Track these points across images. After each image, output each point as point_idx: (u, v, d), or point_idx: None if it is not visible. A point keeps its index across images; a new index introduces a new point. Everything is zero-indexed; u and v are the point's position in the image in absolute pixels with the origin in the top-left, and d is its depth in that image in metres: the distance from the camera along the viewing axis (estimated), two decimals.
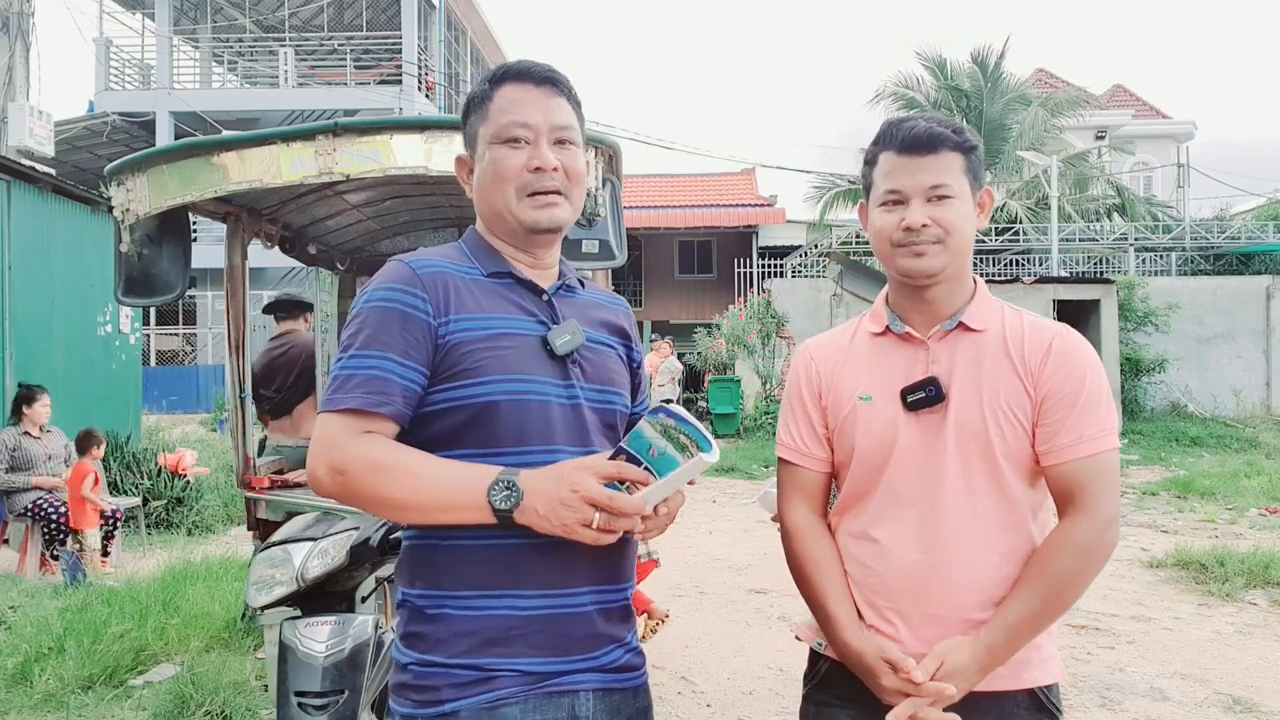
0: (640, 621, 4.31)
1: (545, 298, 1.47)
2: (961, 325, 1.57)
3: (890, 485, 1.56)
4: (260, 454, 4.64)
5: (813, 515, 1.65)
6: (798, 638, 1.72)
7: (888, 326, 1.63)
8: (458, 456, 1.35)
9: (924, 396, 1.54)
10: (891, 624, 1.54)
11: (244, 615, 4.66)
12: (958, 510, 1.51)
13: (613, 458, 1.33)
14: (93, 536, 6.36)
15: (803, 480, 1.66)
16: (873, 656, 1.50)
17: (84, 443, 6.65)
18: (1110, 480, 1.50)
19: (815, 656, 1.68)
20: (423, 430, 1.38)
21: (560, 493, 1.27)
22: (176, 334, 21.63)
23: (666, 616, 4.68)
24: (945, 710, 1.45)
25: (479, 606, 1.34)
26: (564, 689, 1.35)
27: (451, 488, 1.30)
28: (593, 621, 1.39)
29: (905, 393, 1.55)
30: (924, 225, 1.52)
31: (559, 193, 1.45)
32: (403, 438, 1.37)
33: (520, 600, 1.34)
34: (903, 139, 1.56)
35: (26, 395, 6.71)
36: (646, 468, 1.31)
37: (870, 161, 1.62)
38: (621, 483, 1.30)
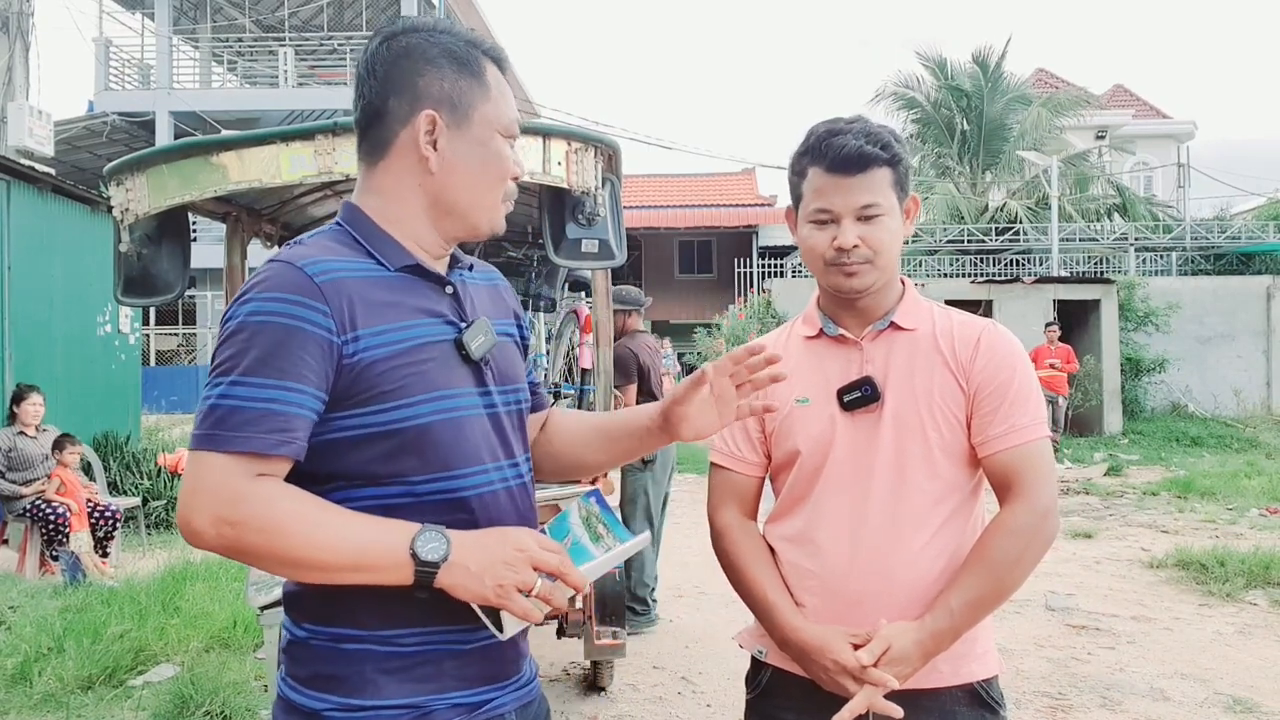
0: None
1: (450, 290, 1.33)
2: (893, 325, 1.59)
3: (827, 485, 1.57)
4: None
5: (742, 516, 1.67)
6: (740, 645, 1.72)
7: (821, 329, 1.64)
8: (386, 488, 1.23)
9: (860, 396, 1.56)
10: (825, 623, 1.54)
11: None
12: (895, 507, 1.53)
13: None
14: (77, 539, 6.35)
15: (735, 485, 1.68)
16: (817, 636, 1.49)
17: (55, 448, 6.65)
18: (1045, 467, 1.53)
19: (757, 665, 1.68)
20: (337, 461, 1.21)
21: (503, 551, 1.17)
22: (176, 334, 21.63)
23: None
24: (886, 699, 1.44)
25: (413, 643, 1.23)
26: (494, 714, 1.30)
27: (366, 543, 1.16)
28: (517, 644, 1.35)
29: (841, 393, 1.57)
30: (855, 246, 1.53)
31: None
32: (308, 471, 1.20)
33: (459, 634, 1.25)
34: (832, 158, 1.53)
35: (16, 394, 6.72)
36: None
37: (799, 173, 1.61)
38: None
